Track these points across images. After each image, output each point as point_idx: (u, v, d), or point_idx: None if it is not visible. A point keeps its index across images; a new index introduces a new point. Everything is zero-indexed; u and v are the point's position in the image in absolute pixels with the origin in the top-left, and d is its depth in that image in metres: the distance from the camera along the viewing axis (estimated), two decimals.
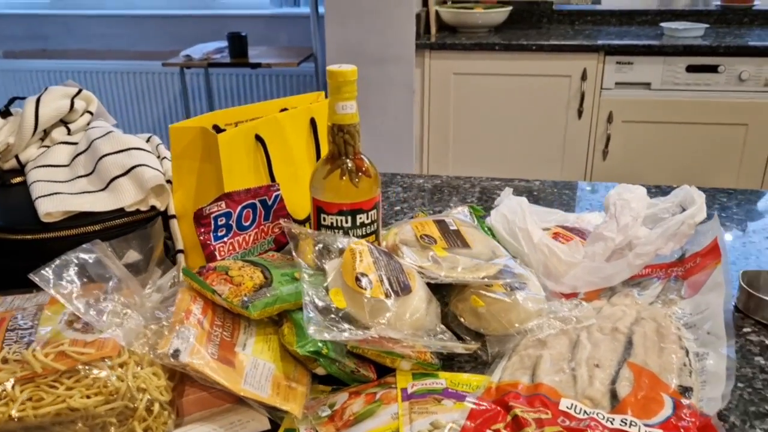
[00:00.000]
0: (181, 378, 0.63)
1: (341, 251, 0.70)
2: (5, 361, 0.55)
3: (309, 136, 0.87)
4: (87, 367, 0.55)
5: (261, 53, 3.15)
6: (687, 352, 0.67)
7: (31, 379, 0.54)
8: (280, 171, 0.82)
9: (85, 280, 0.58)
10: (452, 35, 2.72)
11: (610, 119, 2.53)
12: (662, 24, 2.64)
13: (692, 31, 2.51)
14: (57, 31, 3.67)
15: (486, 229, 0.88)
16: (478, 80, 2.60)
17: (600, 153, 2.59)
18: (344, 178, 0.73)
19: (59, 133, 0.89)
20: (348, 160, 0.73)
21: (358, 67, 0.70)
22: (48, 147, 0.88)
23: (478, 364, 0.70)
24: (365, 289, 0.63)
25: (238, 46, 2.84)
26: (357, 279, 0.64)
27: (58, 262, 0.58)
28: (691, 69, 2.42)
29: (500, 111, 2.62)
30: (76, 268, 0.58)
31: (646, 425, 0.58)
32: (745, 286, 0.79)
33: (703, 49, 2.39)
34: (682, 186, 0.87)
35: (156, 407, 0.56)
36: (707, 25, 2.59)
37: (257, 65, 2.94)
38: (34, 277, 0.56)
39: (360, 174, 0.73)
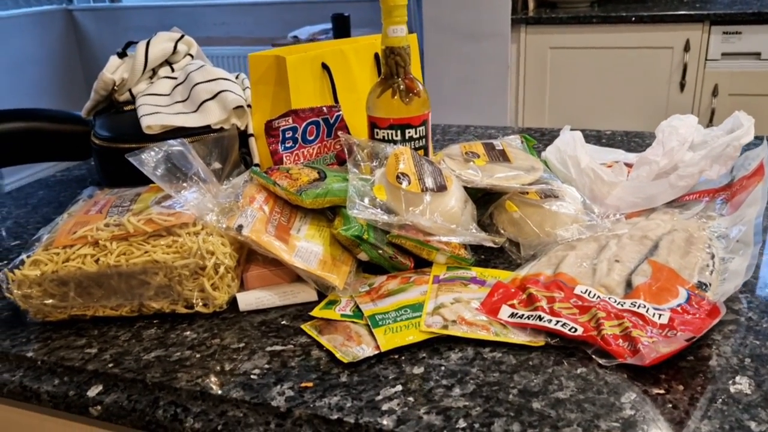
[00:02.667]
0: (247, 257, 0.74)
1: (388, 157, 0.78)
2: (107, 225, 0.68)
3: (372, 69, 0.96)
4: (168, 232, 0.67)
5: (363, 34, 3.28)
6: (712, 256, 0.70)
7: (125, 238, 0.67)
8: (343, 98, 0.91)
9: (170, 165, 0.70)
10: (550, 10, 2.71)
11: (715, 92, 2.42)
12: None
13: None
14: (183, 21, 4.02)
15: (536, 156, 0.93)
16: (576, 54, 2.57)
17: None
18: (395, 97, 0.81)
19: (164, 72, 1.04)
20: (399, 80, 0.81)
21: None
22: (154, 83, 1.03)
23: (511, 265, 0.76)
24: (403, 185, 0.72)
25: (342, 25, 2.99)
26: (398, 177, 0.73)
27: (152, 150, 0.71)
28: None
29: (598, 85, 2.58)
30: (164, 156, 0.71)
31: (656, 308, 0.62)
32: None
33: None
34: (733, 113, 0.88)
35: (222, 269, 0.68)
36: None
37: None
38: (130, 158, 0.69)
39: (410, 93, 0.81)
